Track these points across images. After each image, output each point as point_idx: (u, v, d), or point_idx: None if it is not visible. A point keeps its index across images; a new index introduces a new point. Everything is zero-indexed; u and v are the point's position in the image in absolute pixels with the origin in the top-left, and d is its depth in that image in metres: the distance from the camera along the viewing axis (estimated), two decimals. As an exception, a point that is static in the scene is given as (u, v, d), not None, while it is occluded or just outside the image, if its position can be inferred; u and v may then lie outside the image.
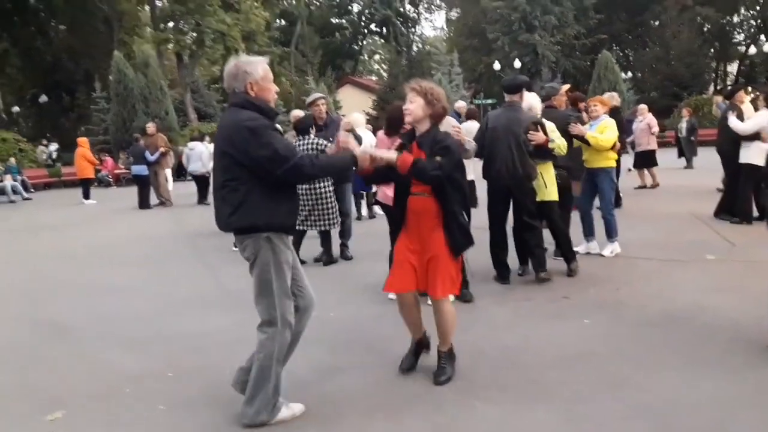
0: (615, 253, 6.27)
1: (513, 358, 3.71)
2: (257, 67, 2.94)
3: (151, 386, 3.64)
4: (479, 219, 5.43)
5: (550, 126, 5.43)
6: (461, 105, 11.77)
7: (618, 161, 7.36)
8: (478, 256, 5.32)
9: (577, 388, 3.25)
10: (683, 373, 3.37)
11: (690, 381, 3.27)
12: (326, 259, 6.77)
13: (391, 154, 3.18)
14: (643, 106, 12.72)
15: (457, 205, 3.34)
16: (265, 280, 2.96)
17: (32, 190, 20.45)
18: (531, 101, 5.62)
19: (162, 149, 13.84)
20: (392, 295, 5.05)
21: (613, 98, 9.57)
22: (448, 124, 5.37)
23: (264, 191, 2.87)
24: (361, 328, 4.50)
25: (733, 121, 7.49)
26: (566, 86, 6.98)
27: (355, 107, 22.61)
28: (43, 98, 33.91)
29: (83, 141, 16.47)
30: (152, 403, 3.39)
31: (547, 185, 5.47)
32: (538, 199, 5.41)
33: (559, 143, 5.44)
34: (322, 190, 6.19)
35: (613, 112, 7.32)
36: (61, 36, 38.11)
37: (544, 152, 5.28)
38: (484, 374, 3.51)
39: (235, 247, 3.27)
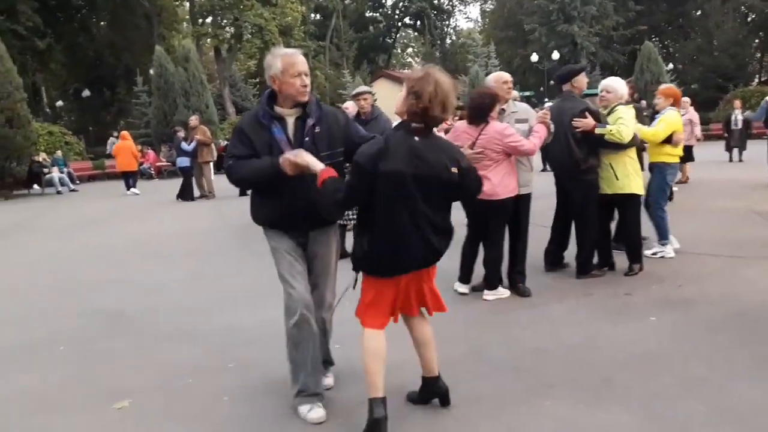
0: (662, 255, 5.89)
1: (580, 357, 3.60)
2: (276, 60, 2.93)
3: (213, 378, 3.64)
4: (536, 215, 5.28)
5: (621, 113, 5.09)
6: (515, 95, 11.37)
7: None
8: (532, 250, 5.21)
9: (653, 388, 3.12)
10: (762, 375, 3.21)
11: (773, 383, 3.12)
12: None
13: (316, 164, 2.81)
14: (685, 100, 12.30)
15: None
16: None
17: (77, 181, 20.95)
18: (608, 84, 5.34)
19: (197, 137, 13.99)
20: (463, 289, 5.03)
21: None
22: (527, 108, 5.26)
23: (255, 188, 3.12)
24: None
25: None
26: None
27: (389, 100, 22.50)
28: (86, 93, 34.70)
29: (126, 135, 16.78)
30: (217, 395, 3.38)
31: (618, 177, 5.16)
32: (609, 191, 5.20)
33: (614, 130, 4.96)
34: None
35: None
36: (103, 32, 38.95)
37: (597, 140, 5.08)
38: (552, 373, 3.40)
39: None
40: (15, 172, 17.85)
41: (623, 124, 4.98)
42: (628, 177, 5.16)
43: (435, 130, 2.85)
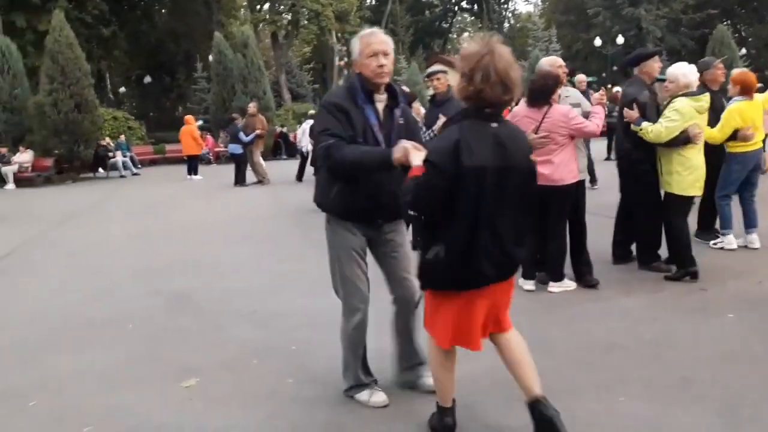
0: (721, 246, 5.64)
1: (656, 353, 3.43)
2: (356, 41, 2.85)
3: (277, 359, 3.66)
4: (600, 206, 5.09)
5: (674, 107, 4.69)
6: (581, 78, 10.95)
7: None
8: (598, 242, 5.03)
9: (737, 389, 2.95)
10: None
11: None
12: None
13: (418, 158, 2.45)
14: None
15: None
16: (330, 258, 3.00)
17: (139, 165, 21.62)
18: (670, 73, 4.90)
19: (258, 131, 14.14)
20: (528, 285, 4.83)
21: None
22: (578, 93, 5.10)
23: (326, 171, 2.85)
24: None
25: None
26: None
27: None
28: (147, 79, 35.74)
29: (190, 119, 16.89)
30: (280, 376, 3.40)
31: (663, 173, 4.85)
32: (663, 189, 4.95)
33: (648, 128, 4.68)
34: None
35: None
36: (164, 19, 39.90)
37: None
38: (626, 369, 3.26)
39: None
40: (82, 155, 18.54)
41: (668, 120, 4.64)
42: (670, 174, 4.79)
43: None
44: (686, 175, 4.76)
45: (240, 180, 14.37)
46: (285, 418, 2.95)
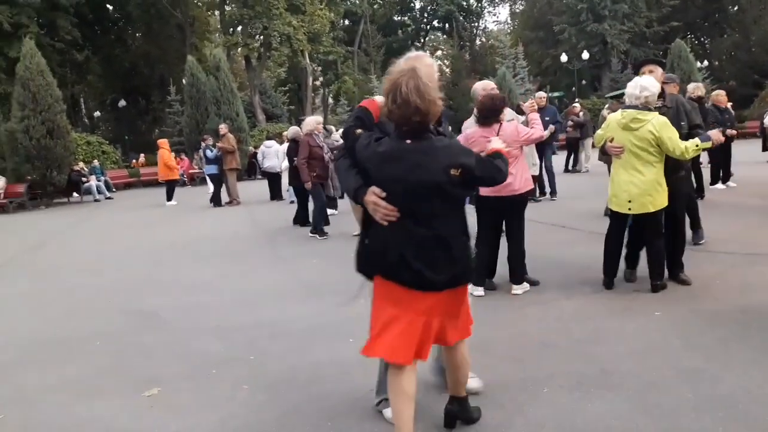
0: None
1: (583, 350, 3.75)
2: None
3: (236, 369, 3.91)
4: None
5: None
6: (541, 95, 11.39)
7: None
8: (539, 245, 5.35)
9: (649, 378, 3.26)
10: (758, 367, 3.31)
11: (765, 374, 3.22)
12: None
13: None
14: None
15: None
16: None
17: (114, 189, 21.69)
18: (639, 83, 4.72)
19: (219, 145, 14.38)
20: (478, 292, 5.15)
21: (697, 88, 9.26)
22: (510, 110, 5.47)
23: None
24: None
25: None
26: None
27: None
28: (122, 103, 35.81)
29: (164, 143, 16.87)
30: (237, 384, 3.65)
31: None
32: None
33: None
34: None
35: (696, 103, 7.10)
36: (138, 43, 40.12)
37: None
38: (554, 364, 3.56)
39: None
40: (55, 180, 18.59)
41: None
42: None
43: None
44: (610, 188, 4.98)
45: (215, 200, 14.57)
46: (238, 420, 3.20)
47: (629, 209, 4.76)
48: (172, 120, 30.09)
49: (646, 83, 4.64)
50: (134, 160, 28.36)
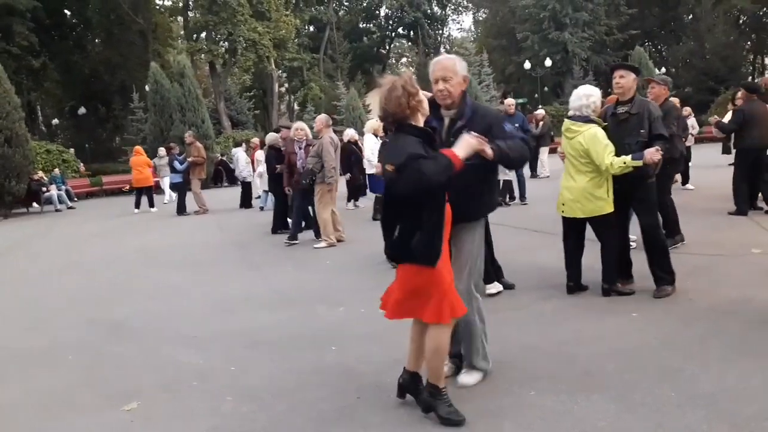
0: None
1: (564, 351, 3.79)
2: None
3: (217, 380, 3.83)
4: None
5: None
6: (510, 102, 11.54)
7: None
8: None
9: (631, 378, 3.32)
10: (734, 364, 3.40)
11: (742, 371, 3.30)
12: None
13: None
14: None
15: None
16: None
17: (75, 199, 21.12)
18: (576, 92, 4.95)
19: (189, 159, 14.17)
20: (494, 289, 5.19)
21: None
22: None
23: None
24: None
25: None
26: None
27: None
28: (81, 110, 34.95)
29: (140, 149, 16.53)
30: (220, 395, 3.57)
31: None
32: None
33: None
34: None
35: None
36: (98, 49, 39.29)
37: None
38: (539, 367, 3.59)
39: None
40: (14, 190, 18.00)
41: None
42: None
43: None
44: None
45: (181, 209, 14.31)
46: (223, 432, 3.13)
47: (563, 211, 5.00)
48: (135, 127, 29.51)
49: (582, 92, 4.82)
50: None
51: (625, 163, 4.51)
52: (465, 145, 2.91)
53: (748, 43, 40.12)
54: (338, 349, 4.19)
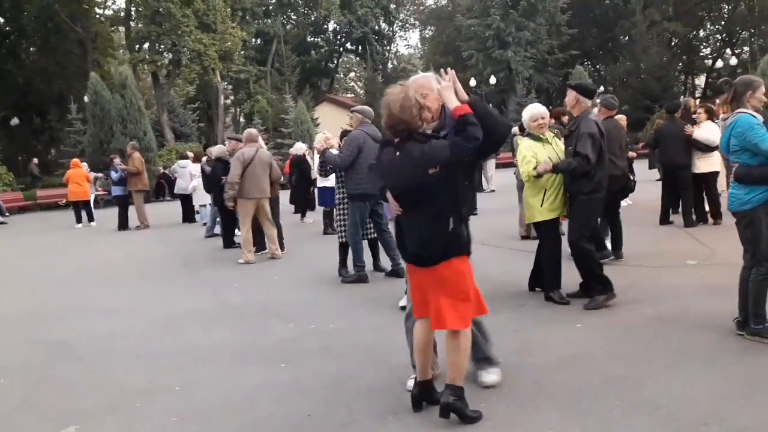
0: None
1: (515, 362, 3.84)
2: None
3: (162, 399, 3.70)
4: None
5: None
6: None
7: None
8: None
9: (578, 387, 3.39)
10: (676, 370, 3.54)
11: (684, 377, 3.44)
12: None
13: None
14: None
15: None
16: None
17: (7, 213, 20.14)
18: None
19: (121, 167, 13.81)
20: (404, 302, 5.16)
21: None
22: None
23: None
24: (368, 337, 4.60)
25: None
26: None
27: (333, 124, 22.73)
28: (15, 121, 33.45)
29: (77, 162, 15.96)
30: (165, 415, 3.45)
31: None
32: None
33: None
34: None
35: None
36: (33, 58, 37.73)
37: None
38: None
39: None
40: (-59, 204, 17.05)
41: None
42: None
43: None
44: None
45: (123, 224, 13.84)
46: (169, 453, 3.02)
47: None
48: (73, 139, 28.40)
49: (531, 112, 5.31)
50: None
51: (535, 169, 5.00)
52: (448, 95, 3.17)
53: (680, 64, 42.23)
54: (288, 366, 4.12)
